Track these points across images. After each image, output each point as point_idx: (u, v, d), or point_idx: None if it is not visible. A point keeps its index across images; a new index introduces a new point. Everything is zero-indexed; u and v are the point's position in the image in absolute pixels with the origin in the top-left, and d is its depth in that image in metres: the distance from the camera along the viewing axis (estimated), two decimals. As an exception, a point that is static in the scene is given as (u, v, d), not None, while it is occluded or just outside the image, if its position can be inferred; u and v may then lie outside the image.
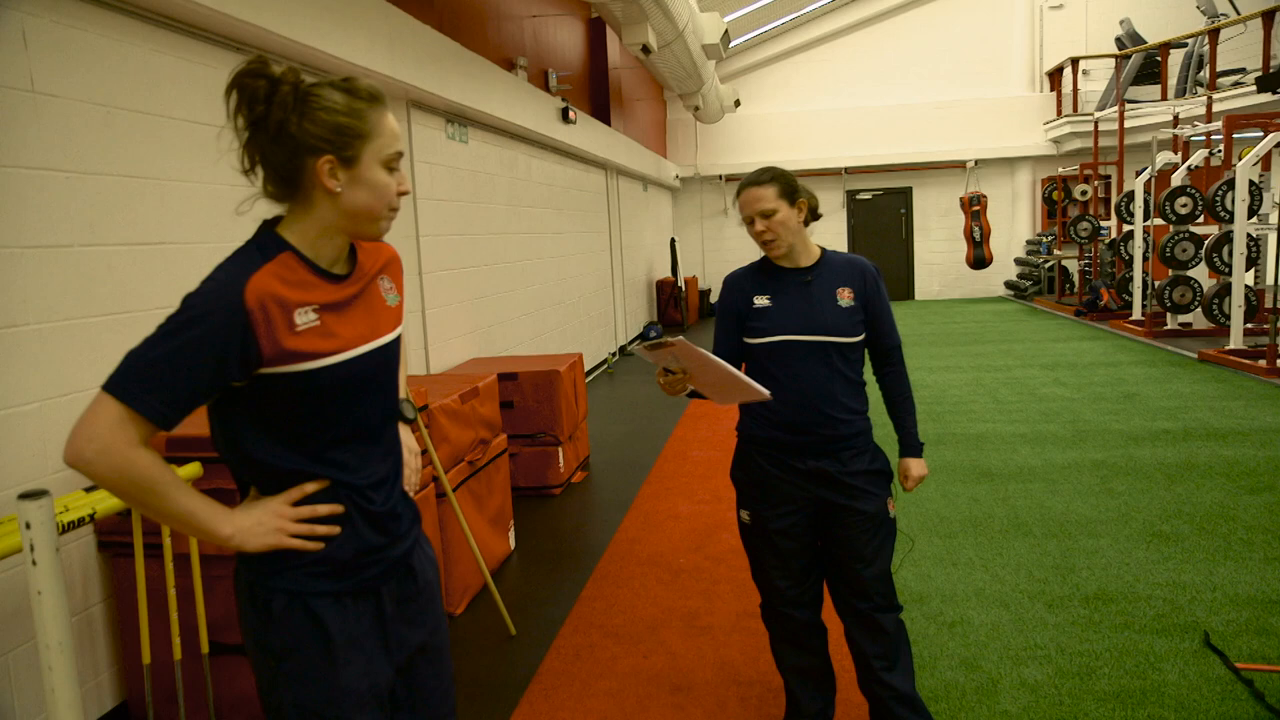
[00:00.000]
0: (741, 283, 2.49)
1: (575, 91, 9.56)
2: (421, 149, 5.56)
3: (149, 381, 1.34)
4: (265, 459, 1.45)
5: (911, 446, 2.55)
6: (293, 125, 1.40)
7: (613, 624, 3.57)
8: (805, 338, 2.37)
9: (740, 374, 2.19)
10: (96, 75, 2.92)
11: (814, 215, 2.48)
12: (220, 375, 1.37)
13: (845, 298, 2.41)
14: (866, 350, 2.50)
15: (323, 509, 1.47)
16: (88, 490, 2.38)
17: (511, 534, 4.53)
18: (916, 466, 2.54)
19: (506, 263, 7.15)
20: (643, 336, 13.07)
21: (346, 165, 1.43)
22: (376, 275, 1.58)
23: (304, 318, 1.42)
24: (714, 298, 16.37)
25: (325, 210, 1.45)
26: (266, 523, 1.42)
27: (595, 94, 10.86)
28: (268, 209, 1.53)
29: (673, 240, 15.02)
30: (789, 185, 2.40)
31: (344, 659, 1.47)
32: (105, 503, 2.30)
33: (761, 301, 2.43)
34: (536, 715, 2.92)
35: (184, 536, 2.68)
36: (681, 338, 2.07)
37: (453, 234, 5.97)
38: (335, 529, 1.48)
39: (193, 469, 2.66)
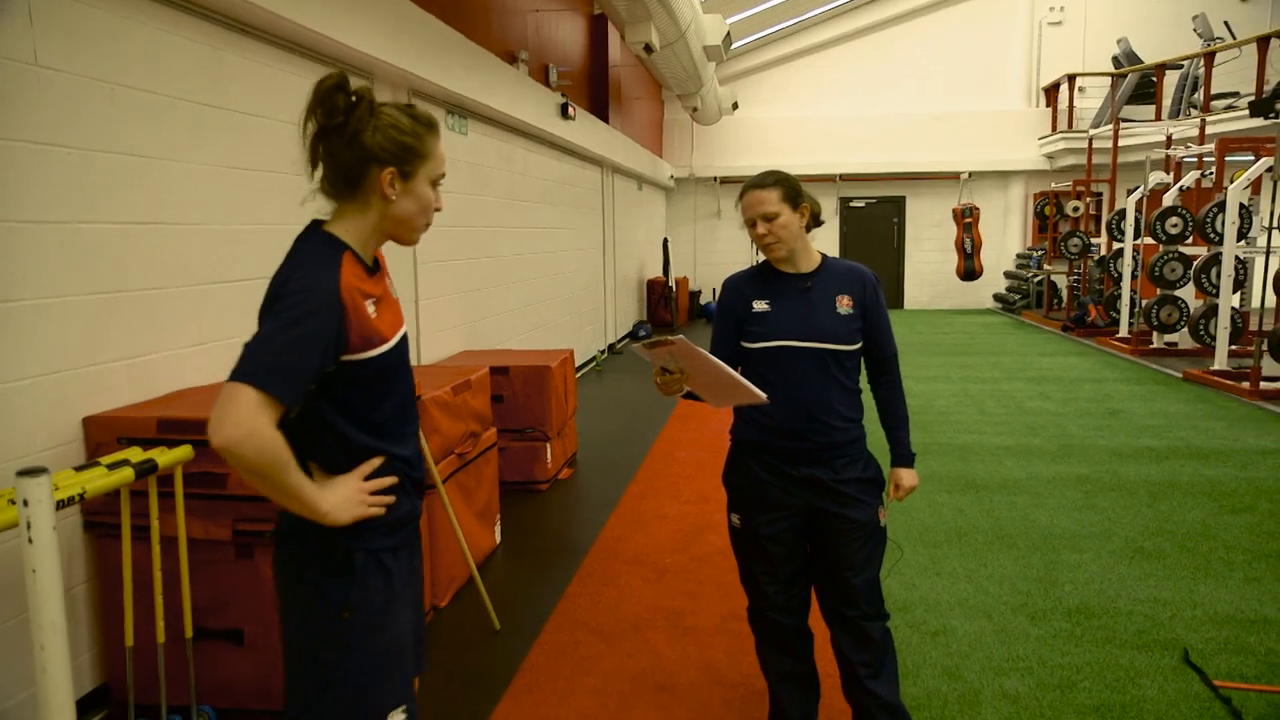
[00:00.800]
0: (741, 286, 2.49)
1: (575, 87, 9.55)
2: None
3: (280, 369, 1.48)
4: (348, 437, 1.65)
5: (903, 457, 2.56)
6: (366, 136, 1.62)
7: (597, 621, 3.57)
8: (803, 344, 2.37)
9: (738, 376, 2.19)
10: (100, 51, 2.90)
11: (816, 221, 2.48)
12: (325, 361, 1.55)
13: (844, 305, 2.41)
14: (862, 358, 2.51)
15: (386, 481, 1.68)
16: (78, 469, 2.36)
17: (498, 528, 4.52)
18: (908, 477, 2.55)
19: (500, 256, 7.14)
20: (633, 335, 13.07)
21: (404, 179, 1.66)
22: (385, 270, 1.79)
23: (372, 309, 1.63)
24: (704, 299, 16.44)
25: (376, 213, 1.67)
26: (352, 498, 1.61)
27: (594, 91, 10.85)
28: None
29: (665, 240, 15.02)
30: (792, 189, 2.40)
31: (398, 607, 1.72)
32: (95, 482, 2.29)
33: (760, 306, 2.42)
34: (520, 710, 2.92)
35: (172, 519, 2.66)
36: (681, 336, 2.06)
37: (448, 226, 5.95)
38: (393, 497, 1.70)
39: (184, 451, 2.64)
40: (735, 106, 15.24)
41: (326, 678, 1.66)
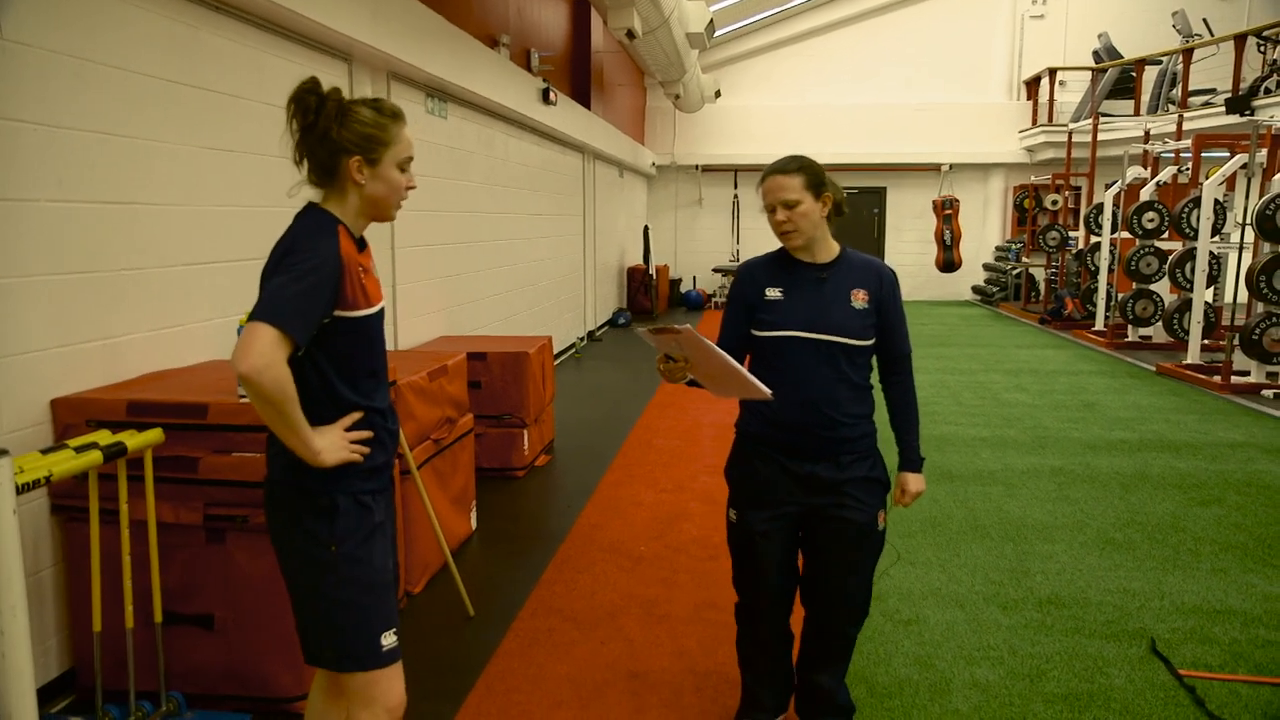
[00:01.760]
0: (755, 273, 2.43)
1: (557, 73, 9.48)
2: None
3: (295, 312, 1.72)
4: (335, 387, 1.88)
5: (911, 460, 2.49)
6: (334, 132, 1.84)
7: (572, 609, 3.57)
8: (813, 336, 2.31)
9: (743, 369, 2.16)
10: (68, 26, 2.84)
11: (839, 211, 2.40)
12: (326, 310, 1.80)
13: (859, 299, 2.34)
14: (875, 356, 2.44)
15: (365, 433, 1.92)
16: (45, 452, 2.32)
17: (473, 515, 4.50)
18: (915, 482, 2.49)
19: (479, 242, 7.09)
20: (612, 323, 13.04)
21: (371, 165, 1.88)
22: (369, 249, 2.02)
23: (361, 276, 1.88)
24: (685, 287, 16.43)
25: (354, 197, 1.91)
26: (337, 443, 1.85)
27: (576, 76, 10.78)
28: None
29: (646, 228, 14.98)
30: (816, 176, 2.33)
31: (378, 540, 1.95)
32: (62, 465, 2.25)
33: (773, 294, 2.36)
34: (493, 696, 2.92)
35: (142, 503, 2.63)
36: (689, 326, 2.02)
37: (427, 210, 5.90)
38: (368, 449, 1.92)
39: (154, 434, 2.61)
40: (718, 94, 15.21)
41: (324, 606, 1.89)
